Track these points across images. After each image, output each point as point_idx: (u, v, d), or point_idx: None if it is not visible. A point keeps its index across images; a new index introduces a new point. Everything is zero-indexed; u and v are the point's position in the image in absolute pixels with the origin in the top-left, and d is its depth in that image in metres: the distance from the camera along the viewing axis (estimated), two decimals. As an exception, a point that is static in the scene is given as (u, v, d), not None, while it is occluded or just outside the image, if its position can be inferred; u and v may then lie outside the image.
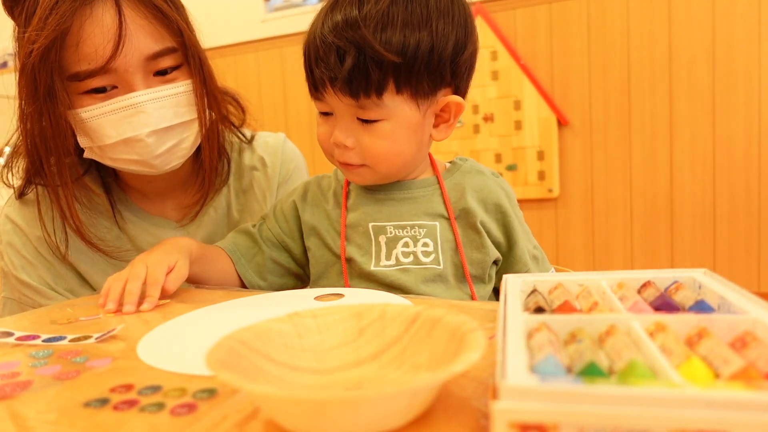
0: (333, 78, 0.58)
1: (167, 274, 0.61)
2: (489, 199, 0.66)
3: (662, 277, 0.40)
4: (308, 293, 0.58)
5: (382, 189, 0.67)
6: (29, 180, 0.74)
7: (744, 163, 1.86)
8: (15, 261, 0.75)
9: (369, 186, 0.67)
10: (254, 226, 0.74)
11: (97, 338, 0.46)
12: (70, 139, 0.68)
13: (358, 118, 0.60)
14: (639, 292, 0.39)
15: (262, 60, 2.52)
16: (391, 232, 0.65)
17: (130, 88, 0.67)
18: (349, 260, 0.66)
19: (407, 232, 0.64)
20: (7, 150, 0.76)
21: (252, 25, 2.49)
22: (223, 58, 2.45)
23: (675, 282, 0.40)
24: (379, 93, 0.58)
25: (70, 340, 0.46)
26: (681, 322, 0.31)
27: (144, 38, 0.66)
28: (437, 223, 0.65)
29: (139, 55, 0.66)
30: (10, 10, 0.68)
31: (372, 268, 0.64)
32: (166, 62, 0.69)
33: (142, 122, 0.67)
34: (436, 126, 0.64)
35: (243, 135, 0.85)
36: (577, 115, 2.04)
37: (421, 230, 0.64)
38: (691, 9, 1.86)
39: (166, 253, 0.63)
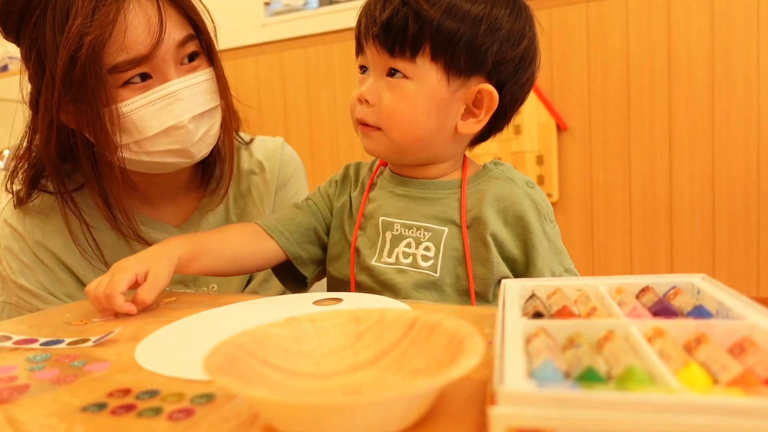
0: (373, 22, 0.59)
1: (137, 284, 0.57)
2: (510, 210, 0.61)
3: (661, 282, 0.40)
4: (307, 297, 0.58)
5: (404, 184, 0.66)
6: (32, 186, 0.74)
7: (743, 168, 1.86)
8: (13, 265, 0.75)
9: (393, 179, 0.67)
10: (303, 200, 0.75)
11: (95, 341, 0.46)
12: (117, 134, 0.67)
13: (388, 72, 0.60)
14: (637, 297, 0.39)
15: (261, 64, 2.52)
16: (397, 230, 0.64)
17: (164, 78, 0.68)
18: (358, 250, 0.66)
19: (412, 232, 0.63)
20: (7, 153, 0.76)
21: (252, 29, 2.50)
22: (222, 62, 2.45)
23: (673, 287, 0.40)
24: (414, 51, 0.58)
25: (68, 344, 0.46)
26: (679, 328, 0.31)
27: (174, 26, 0.68)
28: (446, 229, 0.62)
29: (173, 41, 0.67)
30: (17, 25, 0.67)
31: (372, 262, 0.64)
32: (190, 48, 0.70)
33: (182, 109, 0.68)
34: (464, 118, 0.62)
35: (240, 137, 0.86)
36: (577, 119, 2.04)
37: (426, 233, 0.62)
38: (690, 15, 1.86)
39: (140, 261, 0.59)
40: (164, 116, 0.68)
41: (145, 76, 0.67)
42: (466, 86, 0.60)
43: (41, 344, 0.46)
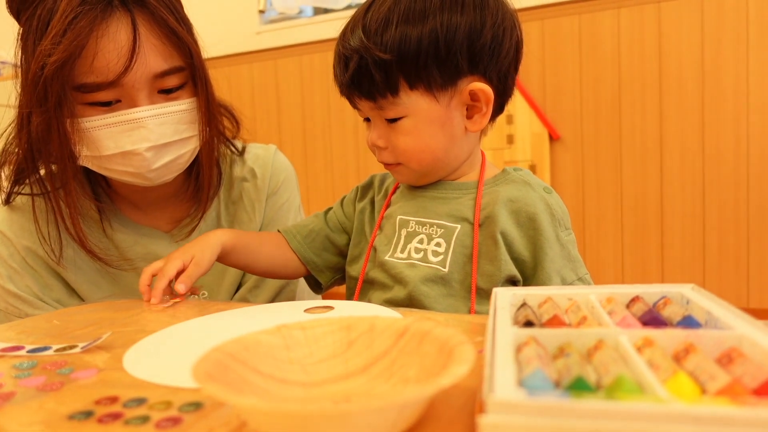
0: (342, 84, 0.63)
1: (179, 271, 0.64)
2: (523, 211, 0.62)
3: (650, 292, 0.41)
4: (298, 305, 0.58)
5: (423, 186, 0.68)
6: (14, 187, 0.74)
7: (733, 178, 1.88)
8: (2, 270, 0.74)
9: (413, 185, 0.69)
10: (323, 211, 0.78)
11: (82, 348, 0.46)
12: (78, 147, 0.68)
13: (385, 119, 0.63)
14: (627, 306, 0.39)
15: (256, 72, 2.52)
16: (411, 227, 0.66)
17: (133, 103, 0.67)
18: (375, 249, 0.68)
19: (425, 229, 0.65)
20: None
21: (247, 36, 2.50)
22: (217, 69, 2.43)
23: (663, 297, 0.40)
24: (393, 91, 0.60)
25: (56, 351, 0.46)
26: (668, 338, 0.31)
27: (155, 57, 0.67)
28: (458, 227, 0.63)
29: (148, 72, 0.67)
30: (17, 14, 0.68)
31: (386, 257, 0.65)
32: (173, 81, 0.69)
33: (142, 137, 0.68)
34: (469, 117, 0.63)
35: (234, 147, 0.85)
36: (569, 129, 2.06)
37: (438, 230, 0.64)
38: (681, 26, 1.89)
39: (186, 250, 0.66)
40: (122, 140, 0.68)
41: (113, 101, 0.67)
42: (456, 93, 0.61)
43: (28, 351, 0.46)
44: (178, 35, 0.68)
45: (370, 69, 0.59)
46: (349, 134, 2.35)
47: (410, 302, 0.62)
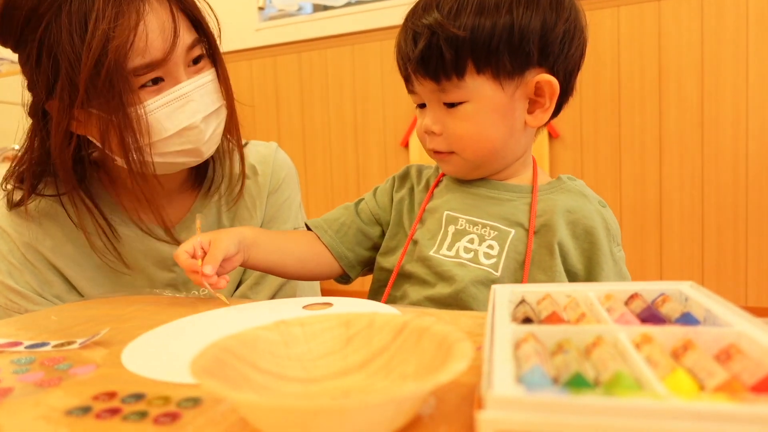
0: (408, 60, 0.60)
1: (201, 257, 0.62)
2: (581, 223, 0.61)
3: (649, 289, 0.41)
4: (297, 302, 0.58)
5: (472, 183, 0.66)
6: (32, 190, 0.74)
7: (731, 177, 1.88)
8: (1, 266, 0.74)
9: (461, 179, 0.67)
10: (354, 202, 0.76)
11: (80, 344, 0.46)
12: (144, 135, 0.67)
13: (443, 104, 0.61)
14: (626, 303, 0.39)
15: (255, 68, 2.52)
16: (461, 225, 0.64)
17: (176, 80, 0.68)
18: (415, 242, 0.66)
19: (477, 229, 0.63)
20: None
21: (246, 33, 2.50)
22: (216, 66, 2.45)
23: (662, 294, 0.40)
24: (459, 73, 0.59)
25: (54, 347, 0.46)
26: (667, 334, 0.32)
27: (185, 30, 0.68)
28: (512, 231, 0.62)
29: (184, 45, 0.68)
30: (17, 35, 0.65)
31: (431, 252, 0.63)
32: (197, 51, 0.70)
33: (194, 110, 0.69)
34: (531, 112, 0.62)
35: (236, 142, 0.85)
36: (568, 128, 2.06)
37: (492, 232, 0.62)
38: (681, 26, 1.89)
39: (207, 234, 0.63)
40: (178, 117, 0.68)
41: (157, 80, 0.67)
42: (522, 83, 0.60)
43: (26, 347, 0.46)
44: (194, 6, 0.70)
45: (441, 47, 0.57)
46: (349, 132, 2.35)
47: (455, 302, 0.60)
